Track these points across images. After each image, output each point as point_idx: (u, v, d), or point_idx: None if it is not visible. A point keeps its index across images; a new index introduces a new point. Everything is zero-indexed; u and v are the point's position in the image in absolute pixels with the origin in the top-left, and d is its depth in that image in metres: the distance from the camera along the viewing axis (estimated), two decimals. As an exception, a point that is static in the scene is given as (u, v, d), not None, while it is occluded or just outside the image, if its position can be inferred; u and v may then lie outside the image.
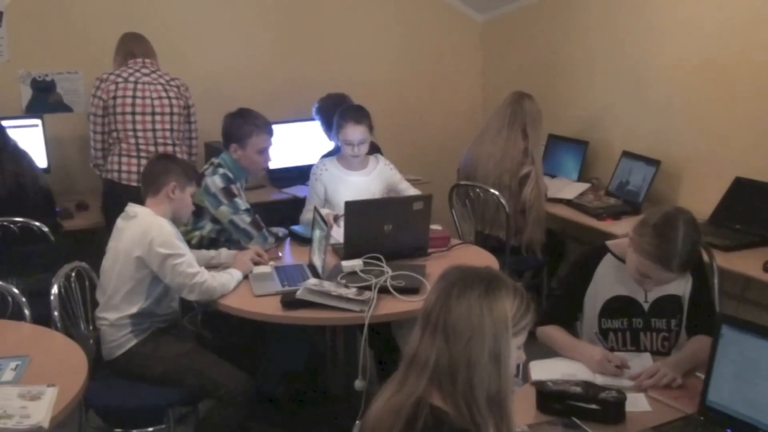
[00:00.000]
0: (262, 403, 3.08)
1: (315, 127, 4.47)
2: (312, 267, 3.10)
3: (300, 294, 2.74)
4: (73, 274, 2.99)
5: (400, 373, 1.58)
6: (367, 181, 3.73)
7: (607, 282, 2.45)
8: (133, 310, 2.90)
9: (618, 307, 2.45)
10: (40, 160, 4.17)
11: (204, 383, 2.88)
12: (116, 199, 3.57)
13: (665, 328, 2.46)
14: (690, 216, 2.29)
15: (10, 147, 3.77)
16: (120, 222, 2.99)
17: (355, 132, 3.63)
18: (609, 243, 2.51)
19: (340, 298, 2.72)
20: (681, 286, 2.44)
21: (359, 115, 3.68)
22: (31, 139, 4.09)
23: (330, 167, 3.74)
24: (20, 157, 3.80)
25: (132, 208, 2.99)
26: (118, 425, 2.92)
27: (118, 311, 2.90)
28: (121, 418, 2.93)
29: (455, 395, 1.50)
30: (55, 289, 2.84)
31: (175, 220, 3.05)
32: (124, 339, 2.91)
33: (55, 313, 2.81)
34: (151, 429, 2.92)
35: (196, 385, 2.89)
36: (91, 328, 3.02)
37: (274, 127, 3.61)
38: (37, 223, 3.61)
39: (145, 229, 2.87)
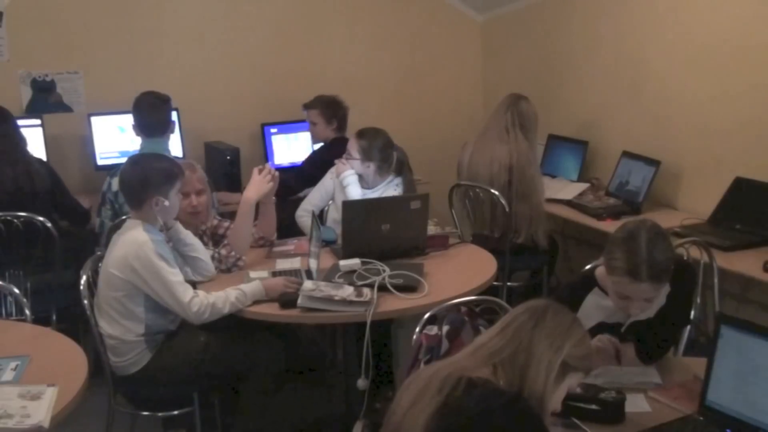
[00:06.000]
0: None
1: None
2: (308, 270, 3.09)
3: (301, 302, 2.74)
4: (100, 266, 2.96)
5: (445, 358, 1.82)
6: None
7: (591, 314, 2.40)
8: (141, 328, 2.84)
9: (597, 332, 2.40)
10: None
11: (229, 370, 2.92)
12: None
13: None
14: (652, 224, 2.28)
15: (22, 144, 3.86)
16: (114, 236, 2.93)
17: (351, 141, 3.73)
18: (597, 273, 2.43)
19: (342, 302, 2.72)
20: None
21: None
22: (31, 139, 4.10)
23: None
24: (31, 155, 3.89)
25: (126, 222, 2.92)
26: (145, 408, 2.98)
27: (123, 328, 2.83)
28: (149, 401, 2.99)
29: (510, 374, 1.67)
30: (84, 279, 2.87)
31: (180, 221, 3.03)
32: (139, 357, 2.86)
33: (85, 302, 2.83)
34: (176, 412, 2.97)
35: (221, 374, 2.92)
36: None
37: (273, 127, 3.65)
38: (41, 218, 3.61)
39: (126, 252, 2.78)
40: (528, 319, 1.71)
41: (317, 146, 4.57)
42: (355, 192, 3.65)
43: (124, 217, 3.13)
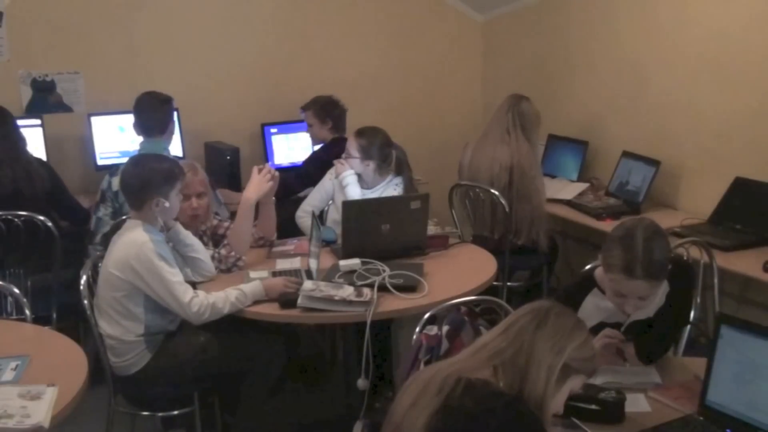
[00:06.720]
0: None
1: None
2: (308, 270, 3.09)
3: (301, 302, 2.74)
4: (99, 265, 2.95)
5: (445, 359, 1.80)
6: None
7: (590, 315, 2.40)
8: (140, 329, 2.83)
9: (596, 332, 2.39)
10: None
11: (229, 370, 2.92)
12: None
13: None
14: (649, 223, 2.30)
15: (22, 144, 3.85)
16: (114, 236, 2.92)
17: (350, 140, 3.72)
18: (597, 273, 2.44)
19: (342, 302, 2.73)
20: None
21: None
22: (31, 139, 4.10)
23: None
24: (30, 155, 3.89)
25: (127, 222, 2.92)
26: (145, 408, 2.98)
27: (123, 329, 2.83)
28: (149, 401, 2.99)
29: (511, 375, 1.66)
30: (84, 279, 2.86)
31: (181, 222, 3.03)
32: (139, 357, 2.86)
33: (85, 302, 2.83)
34: (176, 412, 2.97)
35: (221, 374, 2.93)
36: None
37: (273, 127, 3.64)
38: (42, 218, 3.61)
39: (126, 252, 2.78)
40: (530, 321, 1.70)
41: (317, 147, 4.57)
42: (355, 192, 3.65)
43: (124, 217, 3.14)
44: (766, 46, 3.60)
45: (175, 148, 4.39)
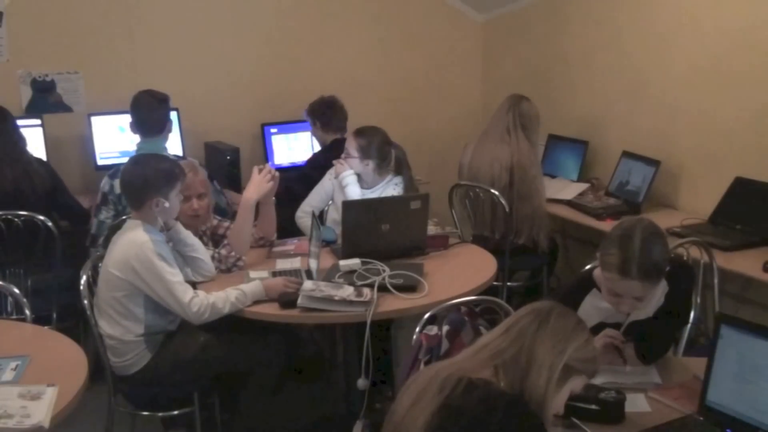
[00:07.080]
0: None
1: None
2: (308, 270, 3.09)
3: (301, 302, 2.74)
4: (99, 265, 2.95)
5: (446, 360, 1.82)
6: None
7: (589, 316, 2.40)
8: (140, 329, 2.84)
9: (596, 332, 2.38)
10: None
11: (229, 370, 2.93)
12: None
13: None
14: (648, 223, 2.29)
15: (22, 144, 3.86)
16: (114, 236, 2.92)
17: (349, 140, 3.73)
18: (595, 274, 2.43)
19: (342, 302, 2.73)
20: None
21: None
22: (31, 139, 4.10)
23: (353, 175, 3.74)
24: (30, 155, 3.89)
25: (127, 222, 2.92)
26: (145, 408, 2.99)
27: (123, 329, 2.83)
28: (149, 401, 3.00)
29: (512, 375, 1.66)
30: (84, 279, 2.87)
31: (181, 221, 3.03)
32: (139, 357, 2.86)
33: (85, 302, 2.83)
34: (176, 412, 2.98)
35: (221, 374, 2.94)
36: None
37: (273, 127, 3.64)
38: (42, 217, 3.62)
39: (126, 252, 2.78)
40: (531, 321, 1.71)
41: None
42: (355, 192, 3.65)
43: (124, 217, 3.13)
44: (766, 47, 3.60)
45: (175, 147, 4.39)
